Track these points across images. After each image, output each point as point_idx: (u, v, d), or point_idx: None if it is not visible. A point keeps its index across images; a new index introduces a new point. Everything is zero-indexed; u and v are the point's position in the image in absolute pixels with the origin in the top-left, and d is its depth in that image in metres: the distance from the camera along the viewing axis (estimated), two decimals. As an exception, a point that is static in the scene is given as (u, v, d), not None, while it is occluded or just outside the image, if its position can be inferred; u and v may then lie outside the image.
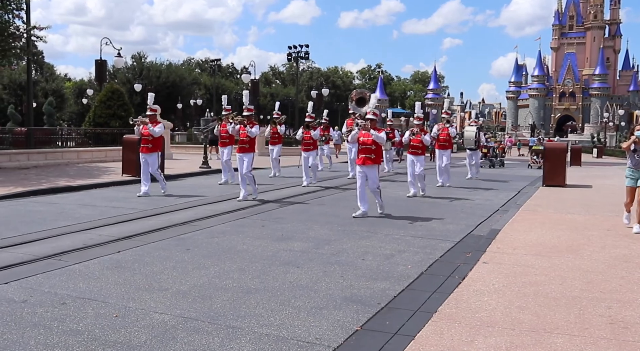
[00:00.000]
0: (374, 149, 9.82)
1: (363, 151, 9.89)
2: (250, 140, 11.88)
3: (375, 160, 9.89)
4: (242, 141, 11.88)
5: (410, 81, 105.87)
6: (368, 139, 9.76)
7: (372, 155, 9.81)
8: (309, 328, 4.61)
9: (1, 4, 17.86)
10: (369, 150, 9.83)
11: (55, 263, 6.47)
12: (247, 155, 11.83)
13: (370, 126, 9.75)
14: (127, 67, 62.50)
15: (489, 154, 26.37)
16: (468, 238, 8.47)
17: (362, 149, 9.92)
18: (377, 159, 9.93)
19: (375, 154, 9.87)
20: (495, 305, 5.18)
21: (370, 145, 9.77)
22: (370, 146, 9.78)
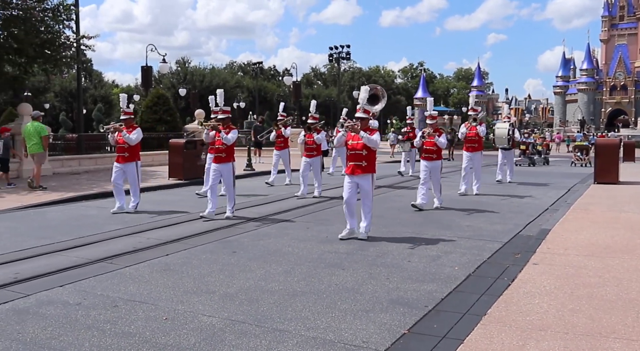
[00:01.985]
0: (365, 156, 8.06)
1: (352, 157, 8.15)
2: (227, 148, 9.94)
3: (368, 168, 8.08)
4: (218, 150, 9.94)
5: (454, 79, 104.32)
6: (358, 143, 8.05)
7: (363, 162, 8.04)
8: (355, 331, 4.59)
9: (52, 16, 18.50)
10: (359, 156, 8.08)
11: (107, 266, 6.65)
12: (223, 166, 9.92)
13: (361, 127, 8.14)
14: (172, 72, 63.89)
15: (528, 151, 24.94)
16: (517, 239, 8.27)
17: (351, 155, 8.17)
18: (369, 167, 8.10)
19: (367, 161, 8.07)
20: (547, 308, 5.04)
21: (361, 150, 8.04)
22: (360, 151, 8.05)
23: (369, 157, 8.09)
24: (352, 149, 8.12)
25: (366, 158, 8.06)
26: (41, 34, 18.04)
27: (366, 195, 8.15)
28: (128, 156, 10.74)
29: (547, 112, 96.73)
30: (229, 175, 9.96)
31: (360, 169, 8.05)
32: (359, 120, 8.17)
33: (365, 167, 8.05)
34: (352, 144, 8.12)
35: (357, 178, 8.08)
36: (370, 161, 8.10)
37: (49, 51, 18.60)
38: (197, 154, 16.55)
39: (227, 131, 9.92)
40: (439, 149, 11.14)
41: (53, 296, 5.49)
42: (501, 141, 16.14)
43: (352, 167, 8.10)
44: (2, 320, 4.83)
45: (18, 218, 9.86)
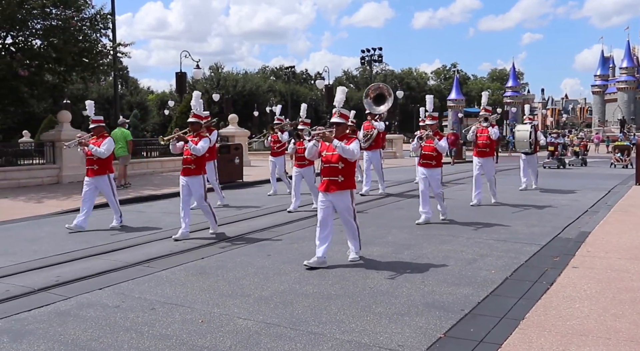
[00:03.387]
0: (342, 169, 6.69)
1: (326, 171, 6.80)
2: (197, 159, 8.62)
3: (345, 184, 6.75)
4: (186, 161, 8.66)
5: (488, 80, 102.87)
6: (332, 155, 6.70)
7: (340, 177, 6.68)
8: (391, 334, 4.56)
9: (90, 25, 18.99)
10: (334, 170, 6.71)
11: (145, 270, 6.76)
12: (192, 180, 8.65)
13: (336, 135, 6.74)
14: (205, 78, 64.70)
15: (557, 152, 23.68)
16: (555, 241, 8.10)
17: (324, 168, 6.83)
18: (347, 182, 6.77)
19: (345, 176, 6.72)
20: (588, 313, 4.91)
21: (336, 163, 6.67)
22: (335, 164, 6.68)
23: (346, 171, 6.73)
24: (326, 161, 6.78)
25: (343, 172, 6.70)
26: (79, 42, 18.53)
27: (346, 216, 6.87)
28: (98, 169, 9.53)
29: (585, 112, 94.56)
30: (199, 189, 8.63)
31: (335, 185, 6.70)
32: (334, 126, 6.80)
33: (342, 183, 6.70)
34: (326, 155, 6.79)
35: (332, 196, 6.73)
36: (348, 175, 6.77)
37: (86, 59, 19.09)
38: (231, 158, 16.72)
39: (198, 140, 8.54)
40: (439, 155, 9.53)
41: (93, 299, 5.61)
42: (522, 145, 14.46)
43: (326, 183, 6.75)
44: (44, 322, 4.96)
45: (58, 223, 10.11)
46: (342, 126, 6.79)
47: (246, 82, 66.56)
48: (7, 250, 7.92)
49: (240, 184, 16.70)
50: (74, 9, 18.32)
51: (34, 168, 17.09)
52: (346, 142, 6.62)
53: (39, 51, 18.06)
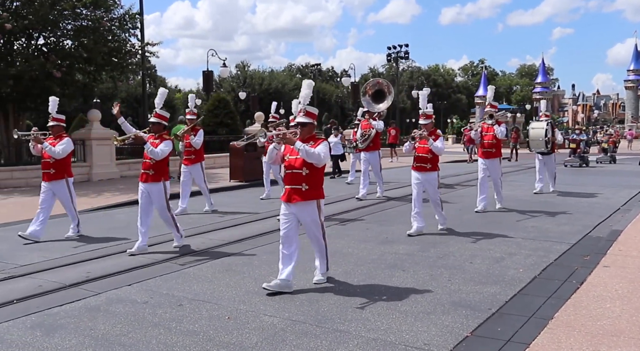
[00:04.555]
0: (306, 176, 5.68)
1: (288, 178, 5.82)
2: (156, 163, 7.57)
3: (310, 193, 5.72)
4: (145, 165, 7.66)
5: (516, 75, 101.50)
6: (296, 159, 5.74)
7: (304, 185, 5.68)
8: (416, 333, 4.53)
9: (119, 25, 19.28)
10: (297, 177, 5.72)
11: (172, 266, 6.85)
12: (151, 186, 7.61)
13: (302, 136, 5.80)
14: (232, 76, 65.18)
15: (580, 150, 22.24)
16: (585, 240, 7.95)
17: (287, 175, 5.86)
18: (312, 191, 5.73)
19: (310, 184, 5.70)
20: (620, 313, 4.81)
21: (300, 168, 5.69)
22: (299, 170, 5.70)
23: (312, 178, 5.72)
24: (288, 167, 5.81)
25: (308, 179, 5.69)
26: (109, 42, 18.83)
27: (313, 231, 5.89)
28: (54, 173, 8.58)
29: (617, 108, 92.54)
30: (159, 197, 7.61)
31: (298, 194, 5.69)
32: (299, 127, 5.88)
33: (307, 192, 5.69)
34: (288, 159, 5.82)
35: (295, 208, 5.74)
36: (314, 183, 5.74)
37: (116, 59, 19.39)
38: (258, 156, 16.79)
39: (158, 142, 7.53)
40: (435, 157, 8.50)
41: (122, 295, 5.70)
42: (537, 144, 13.18)
43: (288, 193, 5.78)
44: (75, 317, 5.07)
45: (88, 220, 10.30)
46: (308, 126, 5.82)
47: (272, 80, 66.84)
48: (39, 246, 8.10)
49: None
50: (103, 9, 18.62)
51: (65, 166, 17.43)
52: (312, 145, 5.66)
53: (70, 51, 18.41)
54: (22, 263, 7.08)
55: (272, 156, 5.94)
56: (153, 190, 7.61)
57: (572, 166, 21.36)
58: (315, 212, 5.81)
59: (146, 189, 7.64)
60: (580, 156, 22.08)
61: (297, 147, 5.60)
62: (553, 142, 13.19)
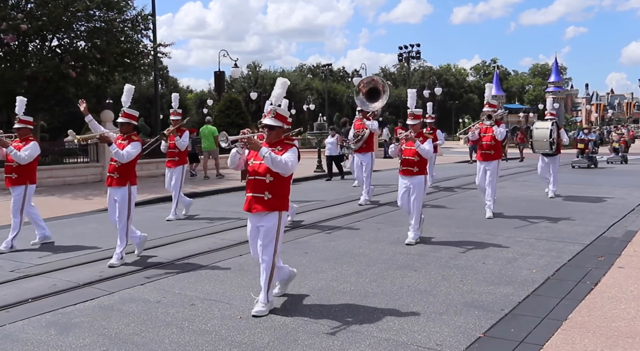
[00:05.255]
0: (269, 184, 5.11)
1: (250, 185, 5.22)
2: (122, 167, 7.05)
3: (273, 203, 5.13)
4: (111, 168, 7.16)
5: (529, 75, 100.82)
6: (260, 165, 5.14)
7: (266, 194, 5.10)
8: (429, 333, 4.52)
9: (132, 26, 19.41)
10: (259, 184, 5.14)
11: (184, 266, 6.88)
12: (117, 191, 7.10)
13: (268, 140, 5.22)
14: (243, 76, 65.40)
15: (588, 150, 21.48)
16: (600, 240, 7.88)
17: (249, 182, 5.25)
18: (276, 201, 5.14)
19: (274, 192, 5.12)
20: (635, 314, 4.76)
21: (263, 175, 5.11)
22: (262, 177, 5.12)
23: (276, 186, 5.12)
24: (251, 172, 5.22)
25: (272, 188, 5.10)
26: (121, 43, 18.96)
27: (266, 243, 5.17)
28: (16, 178, 7.97)
29: (632, 107, 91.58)
30: (122, 202, 7.06)
31: (260, 204, 5.11)
32: (266, 130, 5.28)
33: (270, 201, 5.11)
34: (252, 164, 5.23)
35: (256, 218, 5.21)
36: (278, 192, 5.14)
37: (128, 60, 19.53)
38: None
39: (126, 144, 7.08)
40: (423, 160, 7.90)
41: (135, 294, 5.74)
42: (541, 145, 12.33)
43: (249, 201, 5.19)
44: (89, 316, 5.10)
45: (101, 219, 10.36)
46: (276, 129, 5.20)
47: (283, 80, 66.95)
48: (53, 246, 8.17)
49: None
50: (116, 10, 18.76)
51: (78, 166, 17.59)
52: (279, 151, 5.07)
53: (84, 53, 18.56)
54: (37, 263, 7.15)
55: (235, 160, 5.29)
56: (117, 194, 7.10)
57: (579, 167, 20.71)
58: (275, 225, 5.15)
59: (112, 193, 7.17)
60: (588, 156, 21.37)
61: (262, 154, 4.94)
62: (558, 143, 12.42)
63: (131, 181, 7.17)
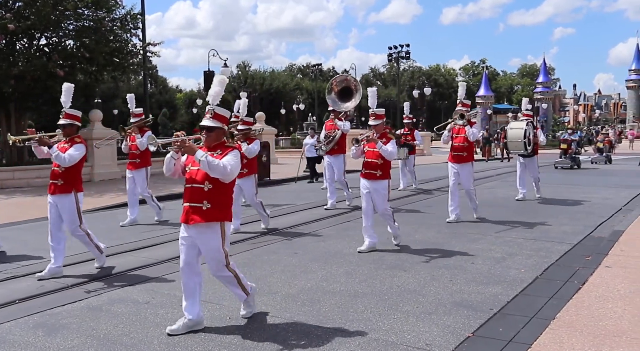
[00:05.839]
0: (208, 192, 4.60)
1: (188, 194, 4.70)
2: (66, 172, 6.50)
3: (213, 213, 4.61)
4: (54, 174, 6.58)
5: (517, 75, 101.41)
6: (197, 172, 4.64)
7: (205, 203, 4.59)
8: (418, 333, 4.54)
9: (121, 25, 19.32)
10: (197, 193, 4.63)
11: (174, 267, 6.82)
12: (62, 198, 6.51)
13: (206, 143, 4.74)
14: (233, 76, 65.25)
15: (571, 150, 20.90)
16: (587, 240, 7.95)
17: (187, 190, 4.72)
18: (216, 211, 4.62)
19: (212, 202, 4.60)
20: (622, 313, 4.81)
21: (201, 182, 4.61)
22: (200, 184, 4.61)
23: (215, 194, 4.61)
24: (188, 180, 4.72)
25: (210, 196, 4.60)
26: (110, 43, 18.87)
27: (212, 260, 4.75)
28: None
29: (619, 108, 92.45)
30: (69, 211, 6.51)
31: (199, 214, 4.61)
32: (204, 132, 4.80)
33: (208, 211, 4.60)
34: (190, 171, 4.73)
35: (193, 230, 4.67)
36: (218, 201, 4.63)
37: (117, 59, 19.43)
38: (259, 156, 16.79)
39: (68, 147, 6.50)
40: (387, 163, 7.41)
41: (124, 295, 5.71)
42: (515, 145, 11.89)
43: (186, 212, 4.68)
44: (77, 317, 5.07)
45: (90, 220, 10.28)
46: (216, 131, 4.73)
47: (273, 80, 66.93)
48: (42, 246, 8.10)
49: (268, 182, 16.80)
50: (105, 9, 18.66)
51: (66, 166, 17.45)
52: (219, 155, 4.62)
53: (72, 52, 18.45)
54: (25, 263, 7.09)
55: (170, 167, 4.74)
56: (63, 202, 6.47)
57: (562, 168, 20.40)
58: (218, 238, 4.66)
59: (54, 202, 6.50)
60: (571, 157, 20.89)
61: (198, 158, 4.45)
62: (535, 143, 11.99)
63: (77, 187, 6.54)
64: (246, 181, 8.81)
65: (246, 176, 8.77)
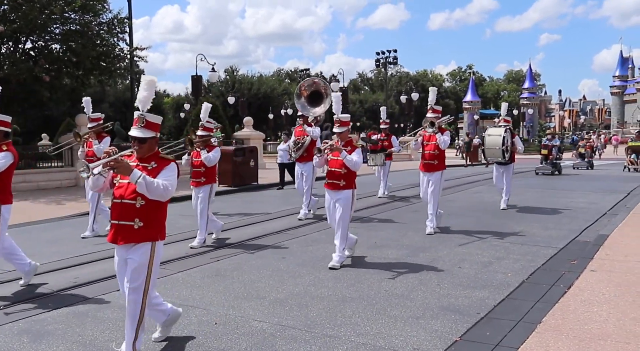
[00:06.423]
0: (140, 209, 4.08)
1: (117, 211, 4.14)
2: None
3: (144, 233, 4.12)
4: None
5: (504, 81, 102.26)
6: (127, 186, 4.09)
7: (136, 222, 4.08)
8: (406, 338, 4.55)
9: (108, 29, 19.24)
10: (128, 210, 4.10)
11: (161, 272, 6.75)
12: None
13: (140, 154, 4.23)
14: (221, 81, 65.07)
15: (552, 156, 20.65)
16: (572, 244, 8.02)
17: (115, 206, 4.16)
18: (148, 230, 4.13)
19: (145, 220, 4.10)
20: (607, 317, 4.86)
21: (132, 199, 4.08)
22: (131, 200, 4.08)
23: (148, 212, 4.11)
24: (117, 195, 4.15)
25: (142, 214, 4.09)
26: (97, 46, 18.78)
27: (136, 286, 4.16)
28: None
29: (603, 113, 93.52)
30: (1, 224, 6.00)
31: (129, 234, 4.10)
32: (135, 143, 4.23)
33: (140, 231, 4.10)
34: (119, 185, 4.17)
35: (123, 250, 4.18)
36: (151, 218, 4.13)
37: (104, 63, 19.34)
38: (247, 161, 16.79)
39: None
40: (351, 173, 6.94)
41: (110, 300, 5.66)
42: (493, 153, 11.42)
43: (114, 230, 4.17)
44: (63, 323, 5.02)
45: (77, 224, 10.22)
46: (148, 141, 4.20)
47: (261, 85, 66.85)
48: (27, 251, 8.00)
49: (255, 187, 16.77)
50: (92, 13, 18.57)
51: (52, 171, 17.30)
52: (154, 167, 4.14)
53: (59, 56, 18.33)
54: (9, 269, 7.01)
55: (98, 184, 4.14)
56: None
57: (543, 174, 20.21)
58: (147, 258, 4.14)
59: None
60: (552, 163, 20.61)
61: (135, 180, 3.93)
62: (513, 151, 11.55)
63: (3, 199, 5.98)
64: (204, 189, 8.40)
65: (204, 185, 8.38)
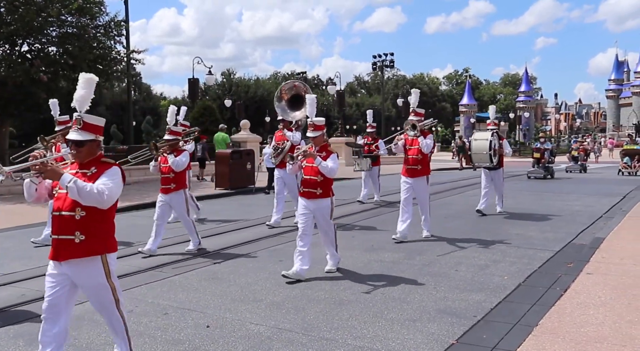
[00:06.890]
0: (81, 220, 3.70)
1: (57, 225, 3.77)
2: None
3: (88, 247, 3.72)
4: None
5: (500, 84, 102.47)
6: (65, 197, 3.70)
7: (77, 235, 3.70)
8: (403, 341, 4.55)
9: (105, 32, 19.23)
10: (68, 223, 3.71)
11: (157, 275, 6.80)
12: None
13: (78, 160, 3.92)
14: (218, 83, 65.06)
15: (544, 159, 20.32)
16: (569, 247, 8.04)
17: (55, 219, 3.79)
18: (93, 243, 3.74)
19: (87, 233, 3.71)
20: (603, 319, 4.87)
21: (71, 210, 3.69)
22: (70, 212, 3.70)
23: (91, 222, 3.73)
24: (56, 207, 3.76)
25: (83, 226, 3.70)
26: (94, 49, 18.76)
27: (98, 302, 3.94)
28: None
29: (599, 117, 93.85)
30: None
31: (71, 249, 3.70)
32: (72, 146, 3.86)
33: (83, 245, 3.70)
34: (58, 195, 3.78)
35: (67, 267, 3.74)
36: (94, 230, 3.75)
37: (101, 66, 19.30)
38: (243, 164, 16.78)
39: None
40: (327, 181, 6.54)
41: (106, 303, 5.64)
42: (481, 158, 11.15)
43: (55, 246, 3.77)
44: (58, 326, 5.00)
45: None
46: (87, 145, 3.82)
47: (258, 88, 66.82)
48: (23, 254, 8.02)
49: (252, 190, 16.75)
50: (89, 16, 18.56)
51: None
52: (93, 174, 3.76)
53: (55, 58, 18.31)
54: (5, 272, 6.99)
55: (31, 192, 3.80)
56: None
57: (535, 178, 20.08)
58: (101, 273, 3.78)
59: None
60: (544, 166, 20.30)
61: (64, 184, 3.54)
62: (501, 155, 11.29)
63: None
64: (175, 196, 8.06)
65: (174, 192, 8.04)
